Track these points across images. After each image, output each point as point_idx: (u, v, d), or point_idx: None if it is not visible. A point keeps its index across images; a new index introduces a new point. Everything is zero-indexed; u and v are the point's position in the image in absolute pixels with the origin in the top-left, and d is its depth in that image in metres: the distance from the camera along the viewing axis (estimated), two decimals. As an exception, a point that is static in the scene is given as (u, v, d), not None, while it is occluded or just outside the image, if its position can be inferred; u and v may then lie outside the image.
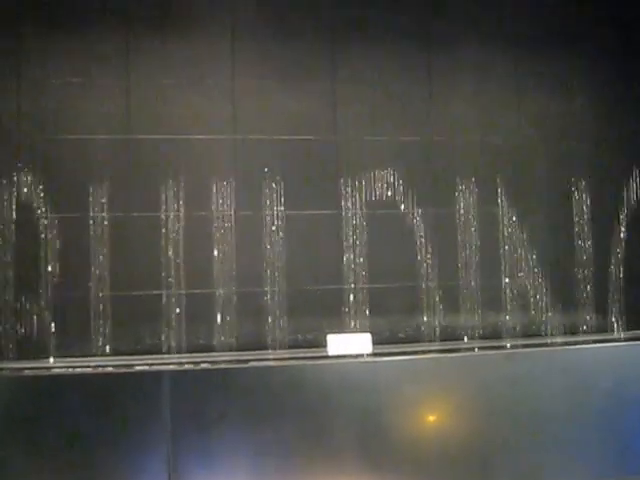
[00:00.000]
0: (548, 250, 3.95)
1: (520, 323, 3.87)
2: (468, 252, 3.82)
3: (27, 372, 3.10)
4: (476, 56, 3.86)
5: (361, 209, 3.70)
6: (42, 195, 3.40)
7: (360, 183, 3.71)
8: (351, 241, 3.68)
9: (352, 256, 3.67)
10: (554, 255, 3.96)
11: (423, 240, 3.77)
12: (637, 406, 3.51)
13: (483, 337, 3.76)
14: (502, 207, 3.89)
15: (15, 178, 3.38)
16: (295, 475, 3.13)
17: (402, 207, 3.74)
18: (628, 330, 3.94)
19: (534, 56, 3.94)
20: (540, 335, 3.85)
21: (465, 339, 3.76)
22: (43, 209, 3.40)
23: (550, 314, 3.92)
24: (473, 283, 3.82)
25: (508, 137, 3.92)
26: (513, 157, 3.93)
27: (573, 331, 3.89)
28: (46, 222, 3.40)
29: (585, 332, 3.90)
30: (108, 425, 3.01)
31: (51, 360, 3.29)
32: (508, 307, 3.86)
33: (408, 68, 3.78)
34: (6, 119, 3.39)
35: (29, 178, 3.39)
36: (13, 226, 3.38)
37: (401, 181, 3.75)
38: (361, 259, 3.68)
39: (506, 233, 3.88)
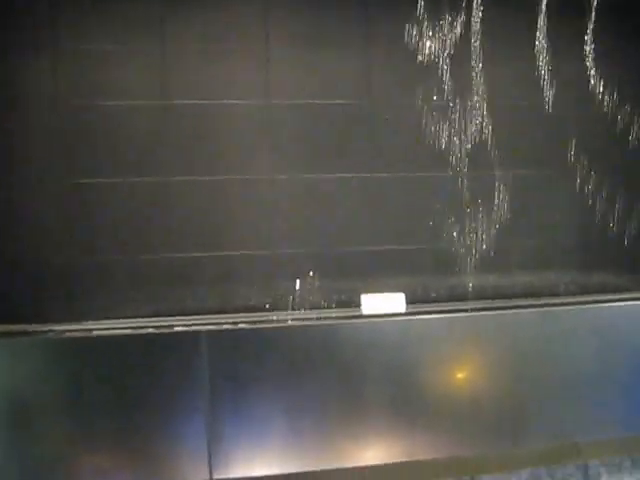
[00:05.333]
0: (580, 212, 3.98)
1: (559, 282, 3.91)
2: (505, 213, 3.84)
3: (69, 334, 3.15)
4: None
5: (391, 172, 3.73)
6: (78, 160, 3.45)
7: (393, 146, 3.73)
8: (383, 203, 3.72)
9: (383, 218, 3.72)
10: (586, 216, 3.99)
11: (460, 202, 3.79)
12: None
13: (512, 296, 3.78)
14: (543, 171, 3.91)
15: (50, 143, 3.42)
16: (329, 431, 3.18)
17: (435, 171, 3.76)
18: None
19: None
20: (573, 294, 3.86)
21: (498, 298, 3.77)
22: (79, 174, 3.45)
23: (583, 273, 3.95)
24: (505, 245, 3.84)
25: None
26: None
27: (604, 290, 3.90)
28: (84, 187, 3.45)
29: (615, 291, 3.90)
30: (148, 385, 3.07)
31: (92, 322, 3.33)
32: (546, 267, 3.91)
33: (442, 30, 3.74)
34: (42, 86, 3.42)
35: (64, 143, 3.43)
36: (51, 189, 3.43)
37: (437, 144, 3.75)
38: (393, 221, 3.74)
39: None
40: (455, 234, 3.78)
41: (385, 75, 3.73)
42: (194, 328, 3.19)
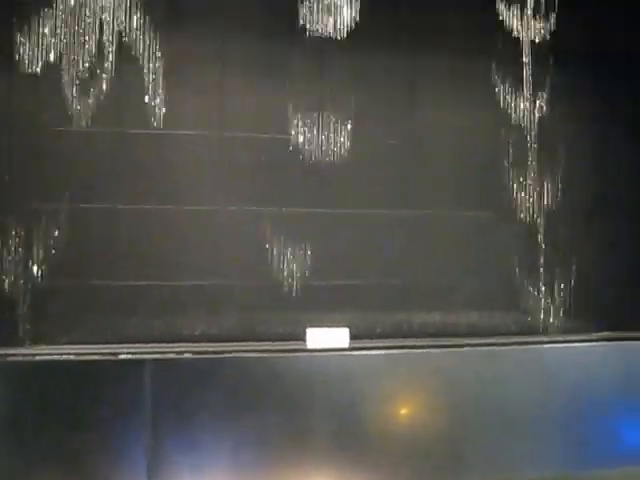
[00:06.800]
0: (507, 251, 4.05)
1: (499, 323, 3.98)
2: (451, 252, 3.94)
3: (10, 359, 3.12)
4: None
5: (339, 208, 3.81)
6: (33, 187, 3.44)
7: (328, 181, 3.80)
8: (322, 240, 3.77)
9: (326, 255, 3.76)
10: (519, 256, 4.06)
11: (395, 240, 3.88)
12: (598, 405, 3.63)
13: (455, 335, 3.82)
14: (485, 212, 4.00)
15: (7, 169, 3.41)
16: (274, 464, 3.20)
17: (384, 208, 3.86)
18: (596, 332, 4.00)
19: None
20: (511, 334, 3.92)
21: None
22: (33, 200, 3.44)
23: (522, 314, 4.03)
24: (443, 283, 3.92)
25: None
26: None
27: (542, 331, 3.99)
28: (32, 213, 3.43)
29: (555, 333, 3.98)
30: (90, 411, 3.06)
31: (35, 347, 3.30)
32: (484, 306, 3.96)
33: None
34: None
35: (22, 169, 3.43)
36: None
37: (371, 179, 3.85)
38: (335, 258, 3.77)
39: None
40: (403, 271, 3.85)
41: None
42: (138, 356, 3.19)
